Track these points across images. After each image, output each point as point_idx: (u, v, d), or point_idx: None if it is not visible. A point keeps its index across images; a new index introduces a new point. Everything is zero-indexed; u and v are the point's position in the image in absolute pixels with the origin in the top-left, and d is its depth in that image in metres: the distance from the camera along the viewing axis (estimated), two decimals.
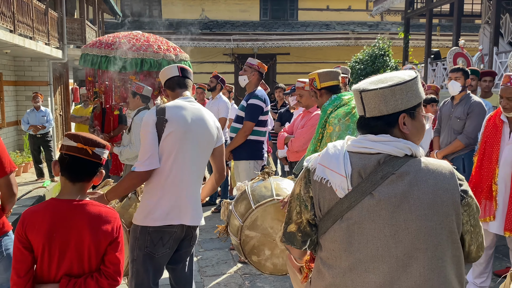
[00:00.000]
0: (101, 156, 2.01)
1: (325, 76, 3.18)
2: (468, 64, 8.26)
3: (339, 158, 1.44)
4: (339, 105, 3.11)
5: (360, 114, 1.49)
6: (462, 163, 4.36)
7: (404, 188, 1.37)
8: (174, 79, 2.83)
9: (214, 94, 6.58)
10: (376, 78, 1.50)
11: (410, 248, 1.36)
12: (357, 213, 1.39)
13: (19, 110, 10.72)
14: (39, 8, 9.76)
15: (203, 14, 19.02)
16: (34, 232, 1.89)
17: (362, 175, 1.41)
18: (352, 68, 12.34)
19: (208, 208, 6.64)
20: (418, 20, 18.41)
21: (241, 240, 2.89)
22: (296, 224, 1.53)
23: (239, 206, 3.00)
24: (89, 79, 5.75)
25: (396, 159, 1.40)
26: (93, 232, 1.92)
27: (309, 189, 1.50)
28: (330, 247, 1.44)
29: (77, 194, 1.99)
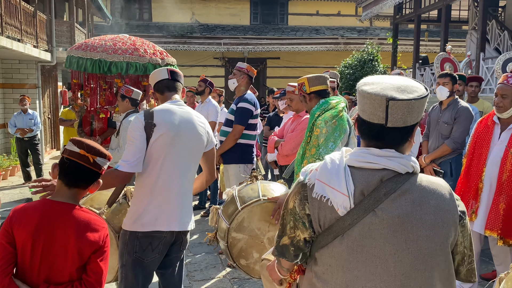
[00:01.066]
0: (101, 166, 2.01)
1: (315, 81, 3.21)
2: (455, 69, 8.36)
3: (339, 174, 1.36)
4: (326, 108, 3.14)
5: (378, 122, 1.35)
6: (449, 167, 4.41)
7: (407, 208, 1.33)
8: (163, 82, 2.80)
9: (203, 97, 6.57)
10: (395, 83, 1.38)
11: (409, 268, 1.34)
12: (358, 231, 1.34)
13: (7, 113, 10.60)
14: (28, 10, 9.68)
15: (194, 18, 19.02)
16: (20, 228, 1.88)
17: (365, 193, 1.35)
18: (341, 72, 12.41)
19: (197, 212, 6.62)
20: (406, 26, 18.60)
21: (228, 243, 2.88)
22: (289, 238, 1.47)
23: (227, 211, 3.00)
24: (75, 81, 5.72)
25: (399, 176, 1.36)
26: (78, 238, 1.90)
27: (305, 206, 1.42)
28: (327, 262, 1.40)
29: (71, 199, 1.99)
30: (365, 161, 1.37)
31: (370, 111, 1.36)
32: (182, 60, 17.28)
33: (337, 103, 3.18)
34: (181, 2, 18.74)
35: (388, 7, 11.95)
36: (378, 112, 1.35)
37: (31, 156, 8.65)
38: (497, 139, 3.53)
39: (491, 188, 3.48)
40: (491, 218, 3.45)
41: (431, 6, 11.89)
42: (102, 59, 5.51)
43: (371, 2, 12.87)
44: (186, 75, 17.36)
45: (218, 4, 18.96)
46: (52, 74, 12.72)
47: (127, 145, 2.61)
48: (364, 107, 1.38)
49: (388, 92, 1.34)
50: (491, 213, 3.46)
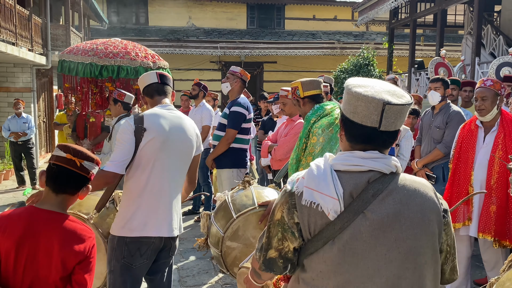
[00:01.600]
0: (89, 170, 1.98)
1: (308, 85, 3.19)
2: (449, 74, 8.37)
3: (326, 179, 1.35)
4: (322, 114, 3.12)
5: (371, 125, 1.36)
6: (442, 172, 4.40)
7: (395, 207, 1.34)
8: (153, 85, 2.77)
9: (197, 101, 6.56)
10: (386, 87, 1.40)
11: (399, 268, 1.35)
12: (349, 234, 1.34)
13: (1, 116, 10.55)
14: (23, 14, 9.66)
15: (190, 22, 19.04)
16: (5, 236, 1.85)
17: (354, 195, 1.35)
18: (337, 77, 12.43)
19: (191, 217, 6.59)
20: (402, 30, 18.67)
21: (222, 252, 2.83)
22: (277, 250, 1.44)
23: (220, 217, 2.95)
24: (66, 85, 5.70)
25: (384, 176, 1.37)
26: (62, 247, 1.87)
27: (293, 215, 1.40)
28: (318, 268, 1.38)
29: (58, 206, 1.95)
30: (351, 164, 1.38)
31: (364, 114, 1.36)
32: (179, 64, 17.30)
33: (332, 109, 3.16)
34: (178, 6, 18.77)
35: (383, 11, 11.99)
36: (372, 116, 1.35)
37: (25, 160, 8.61)
38: (482, 142, 3.57)
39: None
40: (483, 221, 3.47)
41: (426, 11, 11.93)
42: (93, 63, 5.49)
43: (367, 7, 12.91)
44: (183, 79, 17.49)
45: (214, 8, 18.99)
46: (48, 78, 12.69)
47: (116, 147, 2.59)
48: (357, 110, 1.37)
49: (383, 96, 1.35)
50: (482, 216, 3.48)
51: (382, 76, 12.21)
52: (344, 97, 1.42)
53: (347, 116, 1.40)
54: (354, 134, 1.40)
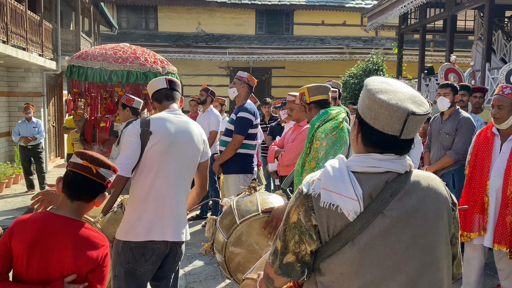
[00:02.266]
0: (105, 177, 1.97)
1: (314, 90, 3.17)
2: (459, 80, 8.30)
3: (344, 180, 1.35)
4: (326, 119, 3.09)
5: (392, 133, 1.35)
6: (452, 179, 4.35)
7: (413, 204, 1.36)
8: (162, 91, 2.79)
9: (205, 107, 6.56)
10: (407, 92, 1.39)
11: (419, 263, 1.36)
12: (369, 234, 1.34)
13: (11, 121, 10.66)
14: (33, 19, 9.77)
15: (199, 28, 19.12)
16: (18, 240, 1.86)
17: (373, 196, 1.36)
18: (346, 82, 12.39)
19: (198, 222, 6.58)
20: (412, 36, 18.58)
21: (226, 257, 2.82)
22: (294, 254, 1.42)
23: (224, 222, 2.94)
24: (75, 90, 5.73)
25: (400, 176, 1.38)
26: (75, 254, 1.87)
27: (311, 217, 1.38)
28: (338, 270, 1.37)
29: (73, 213, 1.94)
30: (369, 166, 1.38)
31: (386, 122, 1.35)
32: (187, 70, 17.37)
33: (337, 114, 3.13)
34: (187, 12, 18.87)
35: (393, 17, 11.95)
36: (395, 125, 1.34)
37: (35, 165, 8.67)
38: (498, 151, 3.47)
39: (496, 201, 3.42)
40: (498, 231, 3.39)
41: (436, 16, 11.87)
42: (103, 67, 5.52)
43: (376, 12, 12.88)
44: (191, 84, 17.55)
45: (223, 14, 19.07)
46: (57, 83, 12.80)
47: (121, 150, 2.60)
48: (379, 117, 1.35)
49: (408, 105, 1.34)
50: (498, 227, 3.40)
51: None
52: (365, 101, 1.39)
53: (367, 121, 1.39)
54: (373, 140, 1.39)
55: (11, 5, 8.41)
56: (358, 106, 1.45)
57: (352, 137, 1.47)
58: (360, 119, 1.42)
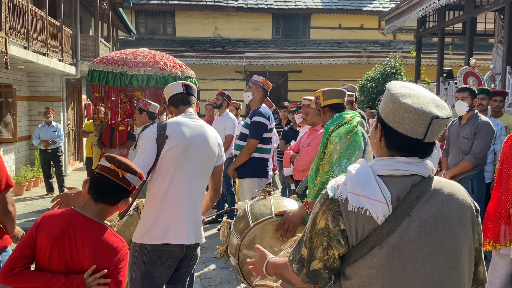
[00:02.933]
0: (131, 182, 2.00)
1: (329, 94, 3.15)
2: (479, 83, 8.16)
3: (372, 184, 1.35)
4: (341, 123, 3.06)
5: (416, 137, 1.37)
6: (470, 184, 4.27)
7: (438, 208, 1.37)
8: (178, 95, 2.82)
9: (221, 111, 6.59)
10: (430, 96, 1.41)
11: (444, 268, 1.36)
12: (397, 237, 1.34)
13: (32, 125, 10.87)
14: (54, 25, 9.96)
15: (216, 32, 19.24)
16: (44, 233, 1.91)
17: (400, 199, 1.36)
18: (363, 86, 12.30)
19: (214, 225, 6.58)
20: (430, 39, 18.37)
21: (239, 260, 2.83)
22: (322, 261, 1.41)
23: (239, 226, 2.95)
24: (96, 95, 5.81)
25: (424, 180, 1.40)
26: (92, 256, 1.90)
27: (339, 222, 1.38)
28: (365, 274, 1.37)
29: (95, 215, 1.98)
30: (395, 169, 1.39)
31: (411, 126, 1.36)
32: (204, 74, 17.48)
33: (351, 118, 3.10)
34: (204, 17, 19.02)
35: (411, 20, 11.83)
36: (419, 128, 1.36)
37: (54, 168, 8.81)
38: None
39: None
40: None
41: (455, 19, 11.71)
42: (124, 72, 5.59)
43: (394, 15, 12.77)
44: (208, 89, 17.65)
45: (240, 18, 19.15)
46: (77, 87, 13.01)
47: (137, 153, 2.63)
48: (404, 121, 1.37)
49: (432, 109, 1.36)
50: None
51: None
52: (388, 105, 1.40)
53: (391, 125, 1.40)
54: (397, 144, 1.41)
55: (32, 11, 8.59)
56: (380, 110, 1.46)
57: (375, 141, 1.46)
58: (383, 123, 1.42)
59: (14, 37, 7.65)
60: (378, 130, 1.45)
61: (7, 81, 9.75)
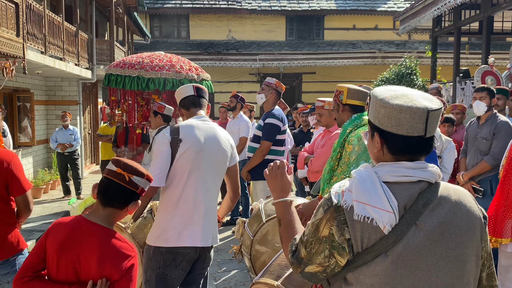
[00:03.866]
0: (138, 185, 1.97)
1: (354, 94, 3.05)
2: (498, 83, 8.01)
3: (377, 192, 1.32)
4: (359, 124, 3.03)
5: (418, 134, 1.35)
6: (489, 185, 4.19)
7: (446, 216, 1.34)
8: (189, 98, 2.84)
9: (235, 113, 6.59)
10: (418, 93, 1.40)
11: (449, 276, 1.34)
12: (403, 246, 1.31)
13: (49, 128, 11.03)
14: (70, 30, 10.10)
15: (230, 35, 19.30)
16: (50, 241, 1.91)
17: (406, 207, 1.33)
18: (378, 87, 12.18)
19: (228, 228, 6.59)
20: (446, 39, 18.14)
21: (251, 255, 2.84)
22: (322, 266, 1.40)
23: (252, 223, 2.97)
24: (113, 98, 5.86)
25: (431, 186, 1.36)
26: (100, 262, 1.88)
27: (344, 231, 1.34)
28: (368, 281, 1.34)
29: (104, 220, 1.96)
30: (401, 175, 1.35)
31: (410, 125, 1.34)
32: (218, 77, 17.54)
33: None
34: (218, 20, 19.09)
35: (426, 20, 11.69)
36: (418, 125, 1.34)
37: (71, 171, 8.92)
38: None
39: None
40: None
41: (471, 18, 11.53)
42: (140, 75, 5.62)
43: (409, 15, 12.64)
44: (222, 91, 17.71)
45: (254, 21, 19.18)
46: (93, 91, 13.17)
47: (153, 160, 2.66)
48: (402, 122, 1.34)
49: (424, 103, 1.35)
50: None
51: (425, 86, 11.88)
52: (380, 111, 1.37)
53: (389, 130, 1.37)
54: (400, 147, 1.37)
55: (49, 17, 8.72)
56: (371, 119, 1.42)
57: (375, 150, 1.42)
58: (380, 130, 1.39)
59: (32, 42, 7.77)
60: (376, 139, 1.41)
61: (25, 85, 9.91)
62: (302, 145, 5.99)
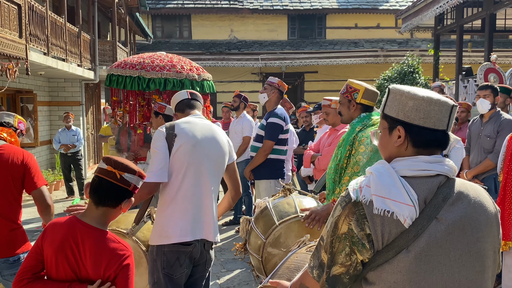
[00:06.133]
0: (130, 182, 1.95)
1: (370, 95, 3.00)
2: (500, 80, 7.99)
3: (396, 186, 1.31)
4: (368, 124, 3.00)
5: (442, 128, 1.37)
6: (493, 183, 4.18)
7: (466, 210, 1.34)
8: (184, 101, 2.92)
9: (238, 113, 6.59)
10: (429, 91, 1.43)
11: (471, 272, 1.34)
12: (425, 240, 1.30)
13: (52, 129, 11.06)
14: (72, 31, 10.12)
15: (232, 35, 19.31)
16: (47, 243, 1.91)
17: (426, 201, 1.32)
18: (381, 85, 12.17)
19: (231, 227, 6.59)
20: (449, 37, 18.10)
21: (263, 257, 2.84)
22: (344, 266, 1.37)
23: (260, 223, 2.95)
24: (114, 99, 5.86)
25: (448, 180, 1.36)
26: (94, 263, 1.88)
27: (364, 226, 1.33)
28: (391, 279, 1.32)
29: (97, 220, 1.95)
30: (420, 169, 1.35)
31: (437, 118, 1.36)
32: (221, 77, 17.55)
33: (378, 120, 3.05)
34: (220, 19, 19.10)
35: (428, 18, 11.67)
36: (444, 119, 1.37)
37: (74, 171, 8.94)
38: None
39: None
40: None
41: (474, 16, 11.51)
42: (141, 76, 5.61)
43: (411, 13, 12.62)
44: (225, 91, 17.72)
45: (256, 20, 19.18)
46: (95, 92, 13.19)
47: (152, 157, 2.66)
48: (430, 114, 1.36)
49: (446, 99, 1.39)
50: None
51: (428, 84, 11.86)
52: (408, 104, 1.38)
53: (416, 123, 1.37)
54: (427, 140, 1.38)
55: (52, 18, 8.74)
56: (395, 113, 1.41)
57: (395, 146, 1.41)
58: (405, 124, 1.39)
59: (34, 44, 7.79)
60: (397, 134, 1.40)
61: (28, 87, 9.93)
62: (304, 144, 5.99)
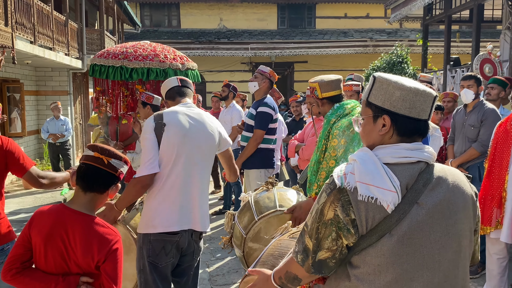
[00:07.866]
0: (117, 168, 2.00)
1: (326, 87, 3.02)
2: (494, 72, 8.05)
3: (380, 173, 1.36)
4: (342, 114, 2.98)
5: (425, 117, 1.44)
6: (478, 172, 4.26)
7: (444, 194, 1.40)
8: (174, 89, 2.88)
9: (227, 102, 6.59)
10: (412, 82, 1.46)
11: (450, 252, 1.40)
12: (407, 224, 1.37)
13: (40, 119, 10.96)
14: (59, 19, 9.99)
15: (221, 24, 19.20)
16: (35, 232, 1.92)
17: (408, 187, 1.38)
18: (369, 75, 12.22)
19: (221, 217, 6.63)
20: (437, 27, 18.19)
21: (244, 252, 2.87)
22: (331, 251, 1.42)
23: (243, 218, 2.98)
24: (98, 88, 5.82)
25: (428, 166, 1.42)
26: (83, 249, 1.90)
27: (349, 212, 1.38)
28: (375, 262, 1.39)
29: (85, 206, 1.97)
30: (401, 156, 1.40)
31: (421, 108, 1.42)
32: (210, 66, 17.48)
33: (352, 108, 3.02)
34: (209, 8, 18.96)
35: (417, 8, 11.70)
36: (427, 108, 1.42)
37: (63, 161, 8.89)
38: None
39: None
40: None
41: (462, 6, 11.57)
42: (124, 66, 5.57)
43: (400, 3, 12.64)
44: (214, 81, 17.66)
45: (245, 9, 19.08)
46: (83, 81, 13.07)
47: (142, 148, 2.66)
48: (415, 105, 1.41)
49: (425, 88, 1.44)
50: None
51: (416, 74, 11.94)
52: (394, 94, 1.41)
53: (402, 113, 1.42)
54: (410, 129, 1.43)
55: (38, 6, 8.62)
56: (381, 102, 1.44)
57: (380, 134, 1.44)
58: (391, 113, 1.43)
59: (21, 32, 7.69)
60: (382, 122, 1.44)
61: (14, 76, 9.82)
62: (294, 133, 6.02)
